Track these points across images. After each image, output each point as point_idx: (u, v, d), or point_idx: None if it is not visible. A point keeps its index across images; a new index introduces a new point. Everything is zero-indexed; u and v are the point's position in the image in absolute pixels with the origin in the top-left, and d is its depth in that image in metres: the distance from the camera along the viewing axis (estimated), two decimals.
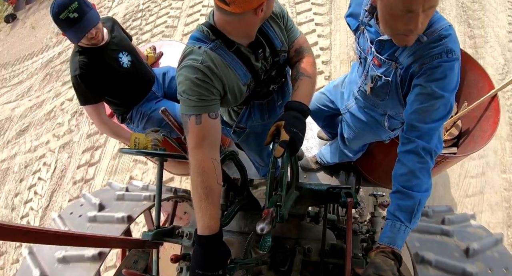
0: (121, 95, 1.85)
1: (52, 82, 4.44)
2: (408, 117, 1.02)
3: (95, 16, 1.57)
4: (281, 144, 0.93)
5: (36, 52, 5.22)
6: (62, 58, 4.73)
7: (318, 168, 2.36)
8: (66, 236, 0.81)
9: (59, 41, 5.07)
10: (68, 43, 4.82)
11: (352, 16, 1.27)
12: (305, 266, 1.17)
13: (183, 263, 1.07)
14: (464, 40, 3.51)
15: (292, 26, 1.23)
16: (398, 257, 0.94)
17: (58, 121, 3.94)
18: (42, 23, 5.77)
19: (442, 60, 0.95)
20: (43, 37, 5.41)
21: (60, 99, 4.17)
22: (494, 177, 2.76)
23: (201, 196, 0.93)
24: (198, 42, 1.05)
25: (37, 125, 4.10)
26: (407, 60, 1.04)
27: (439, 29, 0.97)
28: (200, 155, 0.97)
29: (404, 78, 1.10)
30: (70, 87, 4.11)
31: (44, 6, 6.18)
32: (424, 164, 0.97)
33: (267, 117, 1.42)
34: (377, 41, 1.13)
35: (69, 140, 3.81)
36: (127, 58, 1.82)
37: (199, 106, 0.99)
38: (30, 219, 3.43)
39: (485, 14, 3.68)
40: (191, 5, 4.58)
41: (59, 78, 4.42)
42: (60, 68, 4.58)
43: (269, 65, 1.19)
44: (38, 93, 4.44)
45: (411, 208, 0.95)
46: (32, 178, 3.73)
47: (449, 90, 0.97)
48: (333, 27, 3.84)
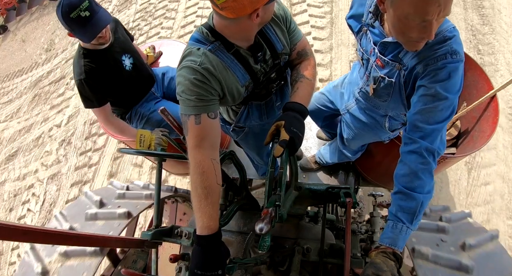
0: (121, 96, 1.85)
1: (41, 104, 4.36)
2: (412, 118, 1.02)
3: (106, 14, 1.54)
4: (280, 143, 0.93)
5: (26, 69, 5.13)
6: (50, 78, 4.64)
7: (317, 168, 2.36)
8: (66, 236, 0.81)
9: (48, 59, 4.98)
10: (57, 62, 4.73)
11: (354, 18, 1.27)
12: (304, 266, 1.18)
13: (182, 263, 1.07)
14: None
15: (295, 28, 1.22)
16: (399, 258, 0.93)
17: (46, 149, 3.85)
18: (32, 36, 5.70)
19: (446, 61, 0.95)
20: (33, 53, 5.33)
21: (48, 124, 4.07)
22: (499, 223, 2.63)
23: (200, 196, 0.93)
24: (198, 43, 1.05)
25: (26, 151, 4.01)
26: (412, 61, 1.04)
27: (444, 30, 0.98)
28: (200, 155, 0.97)
29: (408, 79, 1.10)
30: (58, 111, 4.04)
31: (35, 18, 6.09)
32: (427, 165, 0.96)
33: (266, 118, 1.42)
34: (381, 43, 1.13)
35: (57, 171, 3.70)
36: (130, 60, 1.82)
37: (198, 106, 0.99)
38: (21, 251, 3.31)
39: (495, 38, 3.50)
40: (182, 24, 4.50)
41: (47, 101, 4.33)
42: (48, 90, 4.49)
43: (268, 68, 1.19)
44: (26, 116, 4.35)
45: (413, 210, 0.95)
46: (22, 208, 3.62)
47: (453, 91, 0.97)
48: (334, 54, 3.63)
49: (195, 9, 4.63)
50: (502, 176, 2.79)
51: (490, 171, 2.82)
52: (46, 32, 5.59)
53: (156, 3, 5.01)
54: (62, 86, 4.34)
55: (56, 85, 4.41)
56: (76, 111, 3.96)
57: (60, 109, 4.09)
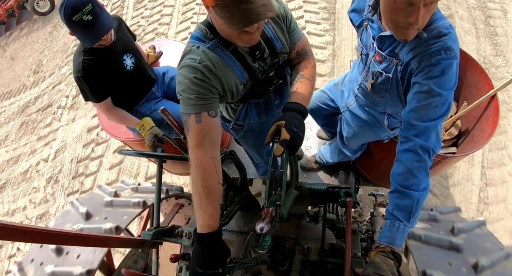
0: (121, 96, 1.85)
1: (28, 134, 4.26)
2: (406, 116, 1.02)
3: (109, 19, 1.53)
4: (281, 143, 0.93)
5: (14, 91, 5.03)
6: (37, 105, 4.52)
7: (317, 167, 2.35)
8: (66, 236, 0.81)
9: (35, 82, 4.89)
10: (45, 87, 4.64)
11: (355, 12, 1.27)
12: (305, 266, 1.17)
13: (183, 263, 1.07)
14: None
15: (295, 27, 1.22)
16: (398, 256, 0.94)
17: (34, 185, 3.74)
18: (21, 55, 5.61)
19: (440, 57, 0.95)
20: (21, 73, 5.22)
21: (35, 158, 3.98)
22: None
23: (201, 195, 0.93)
24: (198, 41, 1.05)
25: (14, 184, 3.91)
26: (407, 56, 1.05)
27: (440, 27, 0.98)
28: (201, 154, 0.97)
29: (404, 74, 1.10)
30: (45, 144, 3.95)
31: (25, 33, 6.01)
32: (422, 162, 0.96)
33: (264, 116, 1.42)
34: (379, 37, 1.13)
35: (45, 212, 3.59)
36: (131, 60, 1.81)
37: (198, 104, 1.00)
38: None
39: (509, 71, 3.32)
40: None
41: (35, 131, 4.22)
42: (35, 118, 4.38)
43: (267, 66, 1.19)
44: (14, 145, 4.25)
45: (409, 208, 0.95)
46: (12, 247, 3.49)
47: (447, 88, 0.97)
48: None
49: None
50: None
51: None
52: (35, 51, 5.49)
53: None
54: (49, 116, 4.23)
55: (43, 113, 4.30)
56: (63, 145, 3.85)
57: (47, 142, 3.99)
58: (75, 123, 3.93)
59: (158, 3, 5.00)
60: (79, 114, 4.01)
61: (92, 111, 3.96)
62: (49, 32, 5.64)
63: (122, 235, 1.34)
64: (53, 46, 5.28)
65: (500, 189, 2.78)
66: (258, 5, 0.85)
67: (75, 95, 4.21)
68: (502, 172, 2.88)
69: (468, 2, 3.95)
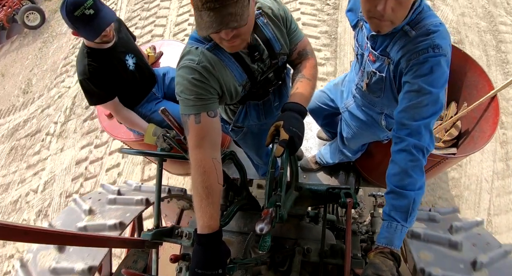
0: (123, 96, 1.85)
1: (17, 160, 4.11)
2: (398, 116, 1.02)
3: (110, 12, 1.54)
4: (280, 143, 0.93)
5: (4, 111, 4.87)
6: (26, 130, 4.36)
7: (317, 168, 2.36)
8: (66, 236, 0.81)
9: (25, 103, 4.73)
10: (33, 109, 4.49)
11: (352, 11, 1.28)
12: (304, 267, 1.18)
13: (183, 263, 1.07)
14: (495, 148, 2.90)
15: (296, 28, 1.22)
16: (397, 257, 0.94)
17: (24, 217, 3.58)
18: (11, 71, 5.45)
19: (428, 55, 0.95)
20: (11, 92, 5.06)
21: (24, 188, 3.82)
22: None
23: (201, 195, 0.93)
24: (196, 42, 1.06)
25: (5, 213, 3.76)
26: (397, 55, 1.05)
27: (429, 24, 0.98)
28: (201, 155, 0.97)
29: (396, 73, 1.11)
30: (34, 174, 3.85)
31: (15, 48, 5.84)
32: (416, 162, 0.96)
33: (264, 118, 1.42)
34: (371, 36, 1.14)
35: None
36: (133, 60, 1.82)
37: (197, 105, 1.00)
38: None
39: None
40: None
41: (24, 158, 4.08)
42: (24, 144, 4.22)
43: (266, 67, 1.19)
44: (4, 171, 4.11)
45: (406, 208, 0.95)
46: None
47: (436, 86, 0.96)
48: None
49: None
50: None
51: None
52: (25, 68, 5.33)
53: None
54: (38, 143, 4.10)
55: (32, 140, 4.18)
56: (51, 177, 3.74)
57: (36, 171, 3.87)
58: (64, 153, 3.83)
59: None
60: (67, 144, 3.90)
61: (80, 142, 3.84)
62: (39, 48, 5.50)
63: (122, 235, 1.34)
64: (42, 64, 5.15)
65: (506, 237, 2.59)
66: (224, 14, 0.84)
67: (63, 122, 4.11)
68: (509, 220, 2.66)
69: (479, 25, 3.73)
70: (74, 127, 3.97)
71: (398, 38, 1.05)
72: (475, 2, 3.90)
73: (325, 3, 4.17)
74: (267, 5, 1.12)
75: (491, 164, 2.92)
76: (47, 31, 5.74)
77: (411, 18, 1.00)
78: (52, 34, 5.62)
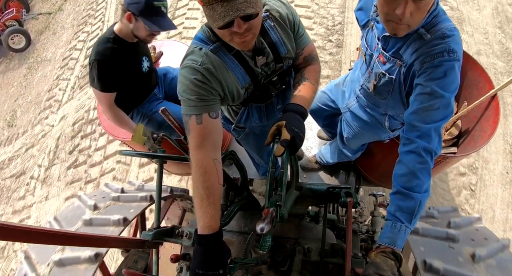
0: (128, 95, 1.85)
1: (3, 203, 3.95)
2: (408, 117, 1.02)
3: (172, 22, 1.67)
4: (281, 143, 0.93)
5: None
6: (11, 169, 4.22)
7: (318, 168, 2.36)
8: (66, 236, 0.81)
9: (9, 138, 4.58)
10: (18, 147, 4.34)
11: (361, 10, 1.26)
12: (305, 266, 1.18)
13: (183, 263, 1.07)
14: None
15: (303, 33, 1.21)
16: (399, 257, 0.93)
17: (12, 267, 3.42)
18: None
19: (443, 59, 0.95)
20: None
21: None
22: None
23: (202, 196, 0.93)
24: (201, 43, 1.05)
25: None
26: (410, 58, 1.04)
27: (444, 28, 0.98)
28: (202, 156, 0.97)
29: (407, 76, 1.10)
30: (20, 221, 3.66)
31: (1, 71, 5.57)
32: (425, 164, 0.96)
33: (266, 120, 1.42)
34: (383, 37, 1.13)
35: None
36: (147, 63, 1.88)
37: (199, 106, 1.00)
38: None
39: None
40: None
41: (9, 202, 3.92)
42: (9, 186, 4.07)
43: (270, 71, 1.18)
44: None
45: (411, 209, 0.95)
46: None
47: (449, 90, 0.96)
48: None
49: None
50: None
51: None
52: (10, 97, 5.13)
53: None
54: (23, 187, 3.96)
55: (17, 182, 4.04)
56: None
57: (22, 218, 3.72)
58: (48, 202, 3.70)
59: None
60: (52, 192, 3.77)
61: (64, 192, 3.72)
62: (24, 74, 5.28)
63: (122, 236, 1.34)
64: (27, 94, 4.98)
65: None
66: (238, 2, 0.85)
67: (47, 166, 3.99)
68: None
69: (496, 66, 3.40)
70: (58, 174, 3.85)
71: (412, 41, 1.04)
72: (492, 37, 3.61)
73: (327, 39, 3.86)
74: (275, 8, 1.10)
75: None
76: (32, 55, 5.55)
77: (426, 21, 1.00)
78: (37, 59, 5.46)
